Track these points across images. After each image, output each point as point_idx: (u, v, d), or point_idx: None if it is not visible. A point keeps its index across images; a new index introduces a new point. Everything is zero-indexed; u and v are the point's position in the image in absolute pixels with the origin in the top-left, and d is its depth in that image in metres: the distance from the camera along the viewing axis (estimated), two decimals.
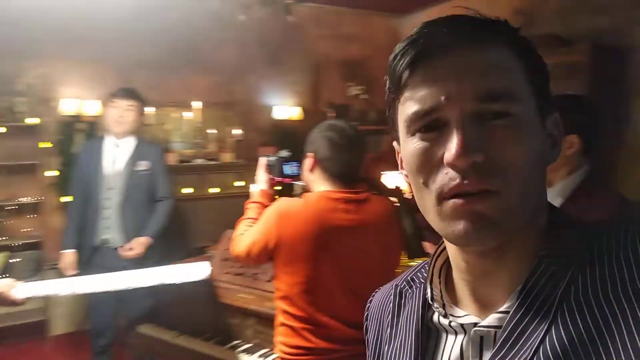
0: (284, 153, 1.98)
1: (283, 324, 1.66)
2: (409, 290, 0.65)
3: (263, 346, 2.07)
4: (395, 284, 0.68)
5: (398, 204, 1.92)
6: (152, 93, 4.27)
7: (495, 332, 0.52)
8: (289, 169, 1.94)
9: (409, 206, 2.00)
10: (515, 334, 0.49)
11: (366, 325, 0.72)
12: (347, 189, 1.65)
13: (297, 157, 1.90)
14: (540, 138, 0.53)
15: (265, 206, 1.79)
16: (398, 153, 0.60)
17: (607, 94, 3.30)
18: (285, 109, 4.99)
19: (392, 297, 0.67)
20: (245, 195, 2.98)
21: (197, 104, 4.20)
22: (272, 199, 1.85)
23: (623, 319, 0.45)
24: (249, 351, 2.08)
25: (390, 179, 4.13)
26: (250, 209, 1.85)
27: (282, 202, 1.66)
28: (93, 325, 3.01)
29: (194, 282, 2.07)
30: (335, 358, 1.60)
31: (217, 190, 4.52)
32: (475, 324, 0.54)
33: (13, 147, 3.91)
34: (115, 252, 2.85)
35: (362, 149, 1.69)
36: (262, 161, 1.94)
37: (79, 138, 4.10)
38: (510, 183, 0.49)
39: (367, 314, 0.73)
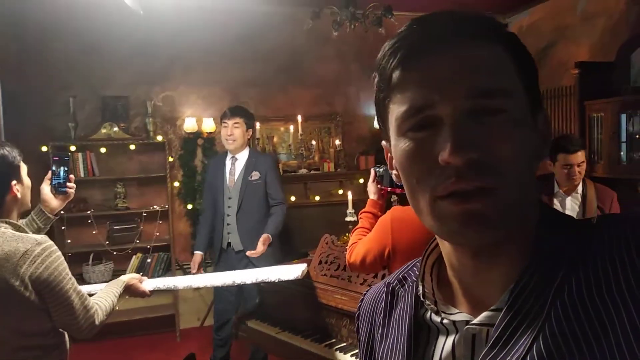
0: None
1: None
2: (401, 289, 0.64)
3: (357, 346, 2.19)
4: (387, 282, 0.67)
5: None
6: (261, 108, 4.65)
7: (488, 331, 0.51)
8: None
9: None
10: (508, 332, 0.48)
11: (358, 324, 0.71)
12: None
13: None
14: (532, 134, 0.52)
15: (376, 216, 1.82)
16: (388, 152, 0.60)
17: None
18: None
19: (384, 295, 0.66)
20: (344, 203, 3.13)
21: (300, 117, 4.47)
22: (383, 209, 1.86)
23: (616, 317, 0.44)
24: (344, 350, 2.20)
25: None
26: (363, 219, 1.90)
27: (396, 211, 1.65)
28: (215, 319, 3.38)
29: (294, 282, 2.26)
30: None
31: (318, 198, 4.74)
32: (467, 322, 0.53)
33: (145, 162, 4.49)
34: (238, 254, 3.20)
35: None
36: (373, 172, 1.96)
37: (198, 152, 4.59)
38: (505, 180, 0.48)
39: (359, 313, 0.71)
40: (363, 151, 5.02)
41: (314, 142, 4.84)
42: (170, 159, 4.47)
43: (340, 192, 4.74)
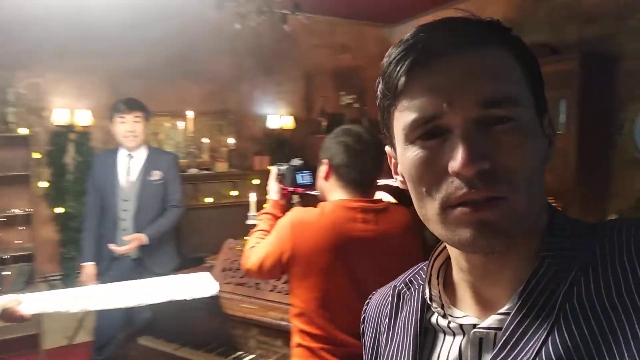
0: (296, 161, 1.87)
1: (299, 345, 1.53)
2: (407, 292, 0.64)
3: (267, 357, 2.07)
4: (394, 286, 0.66)
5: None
6: (145, 102, 4.26)
7: (495, 334, 0.50)
8: (301, 177, 1.84)
9: None
10: (516, 336, 0.48)
11: (363, 328, 0.70)
12: (365, 197, 1.55)
13: (310, 166, 1.82)
14: (540, 139, 0.52)
15: (277, 217, 1.70)
16: (391, 158, 0.59)
17: (596, 101, 3.36)
18: (278, 118, 5.00)
19: (390, 299, 0.65)
20: (239, 204, 2.96)
21: (190, 114, 4.19)
22: (284, 210, 1.77)
23: (627, 321, 0.44)
24: None
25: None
26: (262, 221, 1.76)
27: (296, 212, 1.55)
28: (97, 337, 2.97)
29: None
30: None
31: (211, 200, 4.49)
32: (474, 325, 0.53)
33: (4, 158, 3.86)
34: (133, 262, 2.85)
35: (380, 154, 1.54)
36: (274, 170, 1.85)
37: (70, 148, 4.07)
38: (516, 188, 0.48)
39: (364, 317, 0.71)
40: (258, 151, 4.88)
41: (206, 140, 4.57)
42: (36, 155, 3.89)
43: (234, 193, 4.55)
